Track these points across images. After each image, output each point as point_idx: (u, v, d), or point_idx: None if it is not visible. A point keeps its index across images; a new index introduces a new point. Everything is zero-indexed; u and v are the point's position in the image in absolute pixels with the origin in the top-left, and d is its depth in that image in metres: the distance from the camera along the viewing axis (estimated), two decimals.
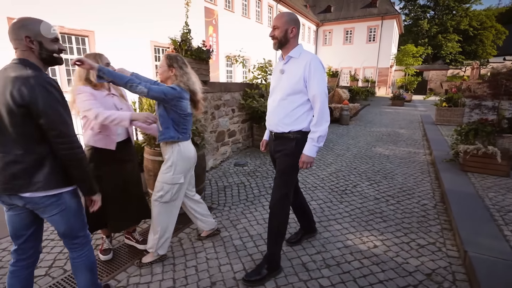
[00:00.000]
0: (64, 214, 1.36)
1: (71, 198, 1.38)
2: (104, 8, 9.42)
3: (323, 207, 3.13)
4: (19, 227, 1.38)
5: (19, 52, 1.26)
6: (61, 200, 1.33)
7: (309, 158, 1.84)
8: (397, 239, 2.48)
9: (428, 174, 4.13)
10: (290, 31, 1.83)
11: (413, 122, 9.08)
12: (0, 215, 2.76)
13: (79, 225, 1.46)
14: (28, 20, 1.28)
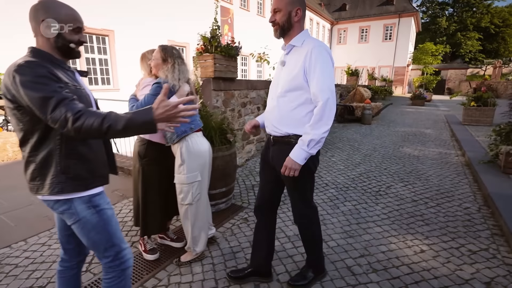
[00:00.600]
0: (80, 226, 1.18)
1: (85, 209, 1.17)
2: (124, 8, 9.54)
3: (359, 208, 3.01)
4: (60, 227, 1.32)
5: (36, 37, 1.13)
6: (72, 210, 1.16)
7: (294, 164, 1.44)
8: (445, 243, 2.34)
9: (464, 176, 3.93)
10: (295, 13, 1.47)
11: (438, 122, 8.77)
12: (37, 210, 2.81)
13: (103, 244, 1.23)
14: (51, 2, 1.11)
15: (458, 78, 31.34)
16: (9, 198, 3.20)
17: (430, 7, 42.22)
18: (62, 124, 0.98)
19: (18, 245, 2.36)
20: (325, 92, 1.39)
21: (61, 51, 1.14)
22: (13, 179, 3.77)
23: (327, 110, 1.40)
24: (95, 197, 1.21)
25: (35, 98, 0.97)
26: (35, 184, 1.12)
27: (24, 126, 1.07)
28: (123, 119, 0.99)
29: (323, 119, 1.40)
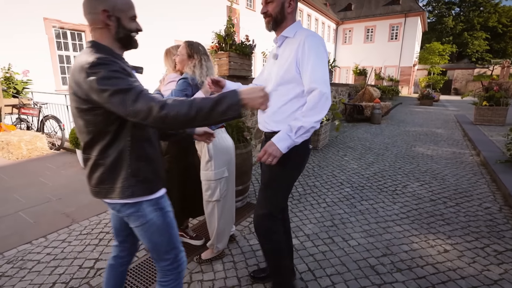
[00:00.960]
0: (145, 229, 1.16)
1: (152, 211, 1.15)
2: None
3: (376, 207, 2.98)
4: (117, 227, 1.32)
5: (93, 31, 1.06)
6: (140, 212, 1.13)
7: (276, 150, 1.29)
8: (468, 243, 2.30)
9: (481, 176, 3.87)
10: (288, 4, 1.39)
11: (448, 122, 8.68)
12: (54, 207, 2.81)
13: (164, 246, 1.21)
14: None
15: (465, 78, 31.01)
16: (26, 195, 3.22)
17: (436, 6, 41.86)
18: (145, 115, 0.92)
19: (39, 241, 2.37)
20: (320, 82, 1.29)
21: (122, 42, 1.10)
22: (28, 177, 3.80)
23: (323, 99, 1.28)
24: (161, 199, 1.19)
25: (115, 92, 0.93)
26: (104, 187, 1.08)
27: (94, 128, 1.02)
28: (209, 103, 0.94)
29: (317, 107, 1.28)
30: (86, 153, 1.09)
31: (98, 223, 2.67)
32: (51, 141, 5.14)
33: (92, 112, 1.00)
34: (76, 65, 0.97)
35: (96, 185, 1.10)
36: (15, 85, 5.57)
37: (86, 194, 3.27)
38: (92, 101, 0.97)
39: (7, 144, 4.51)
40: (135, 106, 0.93)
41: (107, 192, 1.09)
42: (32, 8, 7.17)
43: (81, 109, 1.01)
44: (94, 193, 1.13)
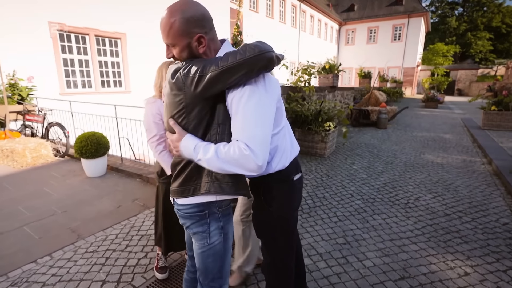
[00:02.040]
0: (204, 249, 1.15)
1: (217, 234, 1.14)
2: (135, 11, 9.54)
3: (389, 222, 2.89)
4: (189, 241, 1.33)
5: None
6: (206, 233, 1.14)
7: (183, 147, 1.03)
8: (489, 265, 2.21)
9: (495, 187, 3.77)
10: (197, 43, 1.02)
11: (455, 126, 8.56)
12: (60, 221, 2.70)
13: (214, 272, 1.18)
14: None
15: (469, 78, 30.81)
16: (31, 207, 3.16)
17: (439, 6, 41.65)
18: None
19: (44, 260, 2.30)
20: (250, 139, 0.94)
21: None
22: (33, 186, 3.74)
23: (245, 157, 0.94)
24: (228, 224, 1.20)
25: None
26: (191, 184, 1.10)
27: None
28: None
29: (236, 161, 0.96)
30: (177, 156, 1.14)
31: (104, 239, 2.60)
32: (56, 148, 5.09)
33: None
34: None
35: (182, 184, 1.12)
36: (19, 92, 5.53)
37: (91, 206, 3.21)
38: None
39: (11, 152, 4.46)
40: None
41: (194, 189, 1.10)
42: (36, 11, 7.14)
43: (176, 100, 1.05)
44: (179, 193, 1.13)
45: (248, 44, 0.98)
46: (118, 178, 4.09)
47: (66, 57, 8.17)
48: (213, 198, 1.12)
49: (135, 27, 9.47)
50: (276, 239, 1.33)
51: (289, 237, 1.35)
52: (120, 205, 3.26)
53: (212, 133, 1.04)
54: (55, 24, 7.59)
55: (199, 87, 0.96)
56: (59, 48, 7.89)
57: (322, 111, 5.04)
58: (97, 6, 8.53)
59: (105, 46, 9.09)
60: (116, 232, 2.72)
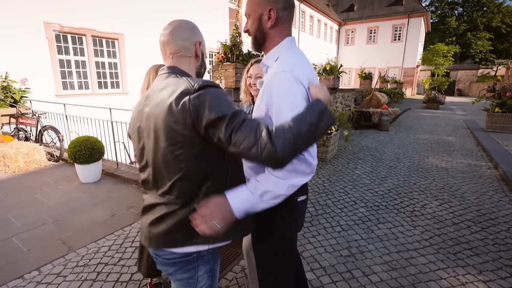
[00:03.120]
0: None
1: (205, 278, 1.00)
2: (133, 12, 9.42)
3: (395, 232, 2.77)
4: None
5: (177, 59, 0.99)
6: (193, 279, 0.98)
7: (228, 213, 0.89)
8: (504, 281, 2.09)
9: (503, 193, 3.65)
10: (267, 16, 1.01)
11: (458, 129, 8.44)
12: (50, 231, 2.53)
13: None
14: (194, 24, 1.04)
15: (469, 79, 30.72)
16: (21, 216, 3.03)
17: (439, 6, 41.56)
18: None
19: (31, 275, 2.17)
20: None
21: (198, 74, 1.08)
22: (24, 193, 3.61)
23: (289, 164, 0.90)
24: (216, 264, 1.04)
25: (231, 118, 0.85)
26: (181, 234, 0.91)
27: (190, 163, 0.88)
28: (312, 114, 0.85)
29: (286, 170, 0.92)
30: (168, 196, 0.91)
31: (96, 252, 2.47)
32: (50, 152, 4.95)
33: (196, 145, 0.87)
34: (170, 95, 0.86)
35: (167, 234, 0.91)
36: (12, 94, 5.39)
37: (84, 215, 3.08)
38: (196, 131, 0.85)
39: (3, 157, 4.33)
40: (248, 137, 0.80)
41: (184, 240, 0.91)
42: (32, 11, 7.00)
43: (177, 141, 0.86)
44: (162, 243, 0.92)
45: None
46: (113, 184, 3.96)
47: (63, 58, 8.03)
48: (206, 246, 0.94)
49: (133, 28, 9.35)
50: (279, 267, 1.18)
51: (292, 262, 1.24)
52: (114, 213, 3.13)
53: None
54: (51, 24, 7.45)
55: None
56: (55, 49, 7.75)
57: None
58: (94, 6, 8.40)
59: (102, 47, 8.96)
60: (109, 243, 2.59)
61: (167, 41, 0.98)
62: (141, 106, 0.96)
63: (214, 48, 3.45)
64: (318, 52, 23.77)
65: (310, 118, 0.83)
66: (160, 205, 0.92)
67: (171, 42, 0.98)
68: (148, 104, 0.92)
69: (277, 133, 0.79)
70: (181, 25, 0.99)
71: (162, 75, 0.97)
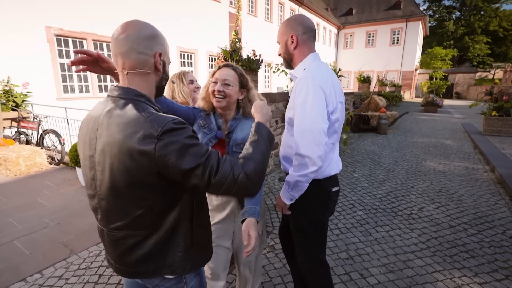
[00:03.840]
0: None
1: (195, 285, 0.99)
2: (133, 16, 9.50)
3: (393, 235, 2.80)
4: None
5: (133, 76, 0.84)
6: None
7: (281, 202, 1.37)
8: (499, 283, 2.12)
9: (500, 196, 3.70)
10: (291, 41, 1.33)
11: (456, 132, 8.50)
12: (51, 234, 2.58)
13: None
14: (161, 34, 0.89)
15: (467, 82, 30.90)
16: (23, 220, 3.06)
17: (437, 10, 41.90)
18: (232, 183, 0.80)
19: (34, 278, 2.20)
20: (301, 131, 1.20)
21: (158, 91, 0.93)
22: (26, 197, 3.64)
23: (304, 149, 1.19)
24: (203, 274, 1.05)
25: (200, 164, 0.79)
26: (152, 266, 0.87)
27: (152, 200, 0.82)
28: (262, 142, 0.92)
29: (296, 166, 1.24)
30: (126, 230, 0.85)
31: (97, 255, 2.50)
32: (51, 155, 4.99)
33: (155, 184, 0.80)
34: (129, 137, 0.75)
35: (139, 265, 0.87)
36: (14, 98, 5.43)
37: (84, 218, 3.11)
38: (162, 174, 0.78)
39: (5, 160, 4.36)
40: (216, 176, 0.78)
41: (154, 270, 0.88)
42: (33, 16, 7.07)
43: (138, 183, 0.79)
44: (134, 273, 0.90)
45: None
46: None
47: (63, 61, 8.10)
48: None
49: None
50: (310, 244, 1.46)
51: (319, 240, 1.49)
52: None
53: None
54: (52, 28, 7.52)
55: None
56: (56, 52, 7.82)
57: None
58: (94, 10, 8.48)
59: (103, 50, 9.03)
60: None
61: (120, 53, 0.82)
62: (93, 134, 0.83)
63: (214, 53, 3.51)
64: None
65: (262, 149, 0.89)
66: (123, 238, 0.86)
67: (125, 55, 0.82)
68: (102, 135, 0.80)
69: (248, 168, 0.81)
70: (138, 34, 0.82)
71: (115, 98, 0.83)
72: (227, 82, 1.30)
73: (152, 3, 10.17)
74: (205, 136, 1.35)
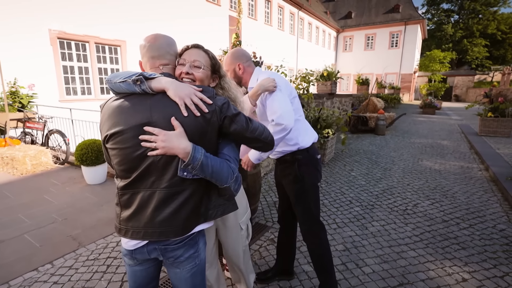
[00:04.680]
0: (193, 270, 1.11)
1: (203, 249, 1.14)
2: (135, 19, 9.67)
3: (388, 229, 2.92)
4: (143, 283, 1.19)
5: (168, 68, 1.13)
6: (197, 252, 1.11)
7: (249, 160, 1.74)
8: (487, 271, 2.24)
9: (492, 193, 3.81)
10: (238, 68, 1.73)
11: (453, 133, 8.64)
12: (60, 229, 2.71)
13: (202, 286, 1.18)
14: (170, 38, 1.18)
15: (466, 84, 31.13)
16: (31, 215, 3.17)
17: (435, 14, 42.27)
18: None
19: (45, 268, 2.31)
20: (277, 114, 1.57)
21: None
22: (33, 194, 3.75)
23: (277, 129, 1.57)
24: (204, 235, 1.19)
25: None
26: (196, 215, 1.04)
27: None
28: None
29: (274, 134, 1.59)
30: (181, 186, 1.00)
31: (105, 247, 2.61)
32: (56, 155, 5.11)
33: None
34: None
35: (185, 220, 1.01)
36: (20, 99, 5.56)
37: (91, 214, 3.22)
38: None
39: (11, 159, 4.48)
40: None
41: (198, 217, 1.05)
42: (37, 19, 7.23)
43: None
44: (182, 229, 1.02)
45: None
46: None
47: (66, 64, 8.24)
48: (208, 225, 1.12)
49: (135, 35, 9.57)
50: (311, 207, 1.76)
51: (317, 203, 1.81)
52: None
53: None
54: (55, 31, 7.68)
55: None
56: (59, 55, 7.97)
57: (321, 118, 5.09)
58: (97, 14, 8.64)
59: (105, 53, 9.18)
60: (117, 239, 2.73)
61: (157, 56, 1.09)
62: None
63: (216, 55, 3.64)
64: (316, 58, 24.13)
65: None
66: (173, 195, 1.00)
67: (161, 56, 1.10)
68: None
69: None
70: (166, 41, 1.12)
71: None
72: (197, 64, 1.12)
73: (153, 7, 10.35)
74: None
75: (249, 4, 16.54)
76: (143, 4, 9.98)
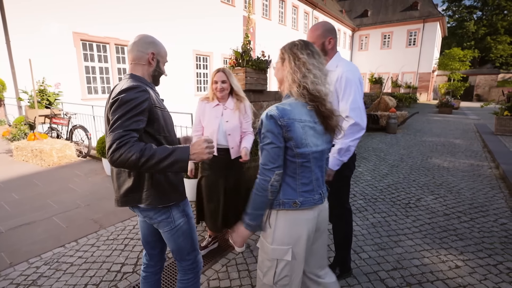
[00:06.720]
0: (172, 233, 1.35)
1: (180, 217, 1.36)
2: (155, 21, 10.07)
3: (388, 220, 3.02)
4: (146, 234, 1.48)
5: (134, 66, 1.29)
6: (170, 218, 1.32)
7: (331, 171, 1.74)
8: (481, 260, 2.32)
9: (499, 190, 3.81)
10: (328, 42, 1.70)
11: (467, 132, 8.47)
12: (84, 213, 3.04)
13: (187, 248, 1.41)
14: (156, 41, 1.37)
15: (488, 84, 29.92)
16: (58, 201, 3.50)
17: (456, 11, 40.81)
18: (108, 151, 1.08)
19: (71, 245, 2.60)
20: (355, 110, 1.65)
21: (153, 78, 1.38)
22: (59, 183, 4.11)
23: (354, 127, 1.67)
24: (187, 206, 1.41)
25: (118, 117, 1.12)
26: (135, 196, 1.28)
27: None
28: (160, 154, 1.07)
29: (348, 133, 1.67)
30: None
31: (123, 229, 2.87)
32: (79, 149, 5.49)
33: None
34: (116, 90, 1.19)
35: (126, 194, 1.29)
36: (48, 97, 6.01)
37: (111, 201, 3.51)
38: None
39: (40, 152, 4.88)
40: (111, 136, 1.07)
41: (138, 200, 1.27)
42: (62, 23, 7.73)
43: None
44: (123, 202, 1.30)
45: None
46: None
47: (88, 64, 8.74)
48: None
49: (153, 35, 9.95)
50: (342, 195, 1.98)
51: (348, 188, 2.04)
52: None
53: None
54: (79, 34, 8.17)
55: None
56: (82, 56, 8.46)
57: None
58: (118, 15, 9.09)
59: (124, 54, 9.62)
60: (134, 223, 2.99)
61: (129, 50, 1.31)
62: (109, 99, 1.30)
63: (228, 55, 3.85)
64: None
65: (156, 157, 1.07)
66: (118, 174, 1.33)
67: (130, 51, 1.29)
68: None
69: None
70: (141, 39, 1.29)
71: (125, 79, 1.27)
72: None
73: (169, 11, 10.72)
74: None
75: (263, 4, 16.71)
76: (160, 6, 10.38)
